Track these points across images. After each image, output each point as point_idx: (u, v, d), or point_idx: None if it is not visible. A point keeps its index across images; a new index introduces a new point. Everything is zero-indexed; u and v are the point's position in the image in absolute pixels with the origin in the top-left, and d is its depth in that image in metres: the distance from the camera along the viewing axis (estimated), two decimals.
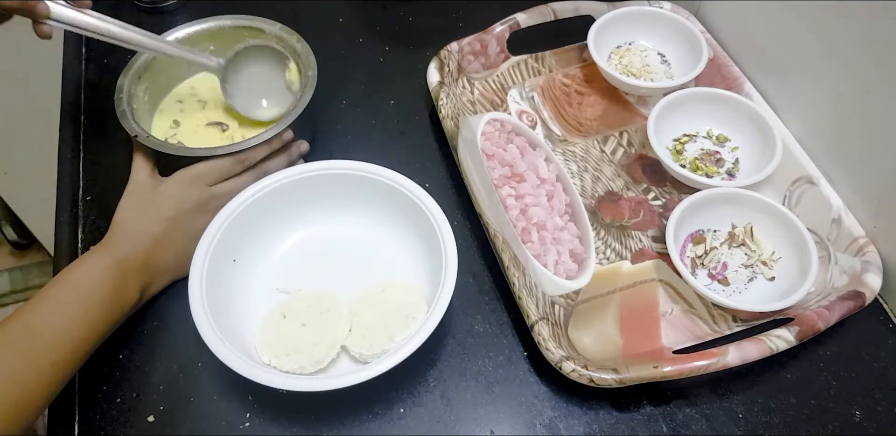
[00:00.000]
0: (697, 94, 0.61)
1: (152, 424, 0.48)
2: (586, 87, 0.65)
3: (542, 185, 0.57)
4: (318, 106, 0.63)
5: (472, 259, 0.56)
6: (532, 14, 0.65)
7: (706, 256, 0.54)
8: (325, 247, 0.55)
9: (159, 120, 0.61)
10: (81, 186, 0.60)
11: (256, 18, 0.60)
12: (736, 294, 0.53)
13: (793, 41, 0.57)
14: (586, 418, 0.48)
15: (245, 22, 0.60)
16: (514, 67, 0.66)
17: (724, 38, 0.65)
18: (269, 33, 0.60)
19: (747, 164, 0.59)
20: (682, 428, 0.48)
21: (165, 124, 0.60)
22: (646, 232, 0.57)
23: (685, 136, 0.61)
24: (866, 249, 0.52)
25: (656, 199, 0.58)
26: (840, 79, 0.54)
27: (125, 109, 0.55)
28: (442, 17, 0.72)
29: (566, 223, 0.56)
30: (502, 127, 0.60)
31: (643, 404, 0.49)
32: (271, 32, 0.60)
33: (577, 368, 0.45)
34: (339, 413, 0.48)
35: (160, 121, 0.61)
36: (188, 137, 0.59)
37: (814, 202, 0.55)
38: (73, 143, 0.62)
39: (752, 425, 0.48)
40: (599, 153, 0.61)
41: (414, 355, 0.44)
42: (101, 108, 0.64)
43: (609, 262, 0.55)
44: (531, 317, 0.48)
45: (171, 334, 0.51)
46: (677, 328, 0.51)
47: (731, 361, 0.46)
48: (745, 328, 0.51)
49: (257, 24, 0.60)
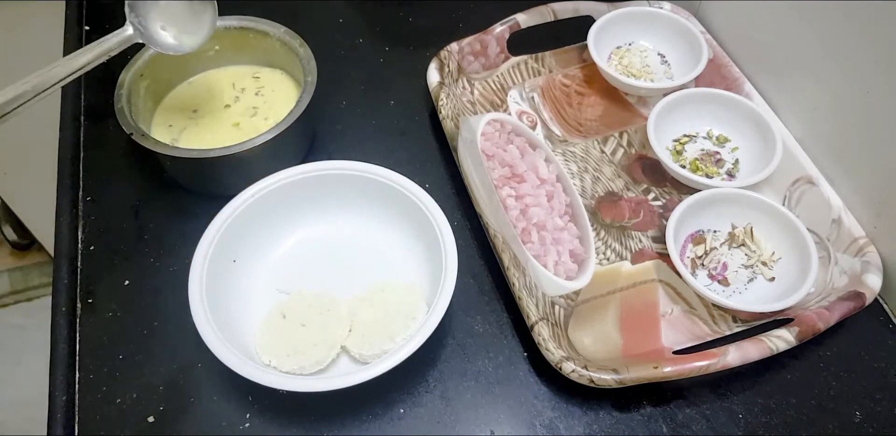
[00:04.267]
0: (697, 94, 0.61)
1: (152, 424, 0.47)
2: (586, 87, 0.65)
3: (542, 185, 0.57)
4: (318, 106, 0.63)
5: (472, 259, 0.56)
6: (532, 14, 0.65)
7: (706, 257, 0.54)
8: (324, 247, 0.55)
9: (160, 118, 0.60)
10: (81, 186, 0.60)
11: (262, 21, 0.60)
12: (736, 295, 0.53)
13: (793, 41, 0.57)
14: (586, 418, 0.48)
15: (250, 24, 0.60)
16: (514, 68, 0.66)
17: (724, 38, 0.65)
18: (273, 36, 0.60)
19: (747, 164, 0.59)
20: (682, 428, 0.48)
21: (166, 123, 0.60)
22: (646, 232, 0.57)
23: (685, 136, 0.61)
24: (866, 250, 0.52)
25: (656, 199, 0.58)
26: (840, 79, 0.54)
27: (123, 106, 0.54)
28: (442, 17, 0.72)
29: (566, 224, 0.56)
30: (502, 127, 0.60)
31: (643, 404, 0.49)
32: (275, 35, 0.60)
33: (577, 368, 0.45)
34: (339, 414, 0.48)
35: (161, 119, 0.60)
36: (191, 136, 0.59)
37: (814, 202, 0.55)
38: (73, 143, 0.62)
39: (752, 425, 0.48)
40: (599, 154, 0.61)
41: (414, 356, 0.44)
42: (102, 108, 0.64)
43: (609, 262, 0.55)
44: (531, 317, 0.48)
45: (170, 335, 0.51)
46: (677, 329, 0.51)
47: (731, 361, 0.46)
48: (745, 329, 0.51)
49: (262, 26, 0.60)
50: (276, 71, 0.63)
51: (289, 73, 0.63)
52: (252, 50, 0.62)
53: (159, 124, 0.60)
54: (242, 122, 0.60)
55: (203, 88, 0.62)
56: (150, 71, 0.58)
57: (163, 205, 0.58)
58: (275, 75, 0.63)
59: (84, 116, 0.65)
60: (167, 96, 0.62)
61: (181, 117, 0.60)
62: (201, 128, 0.60)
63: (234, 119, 0.60)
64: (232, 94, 0.62)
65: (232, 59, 0.63)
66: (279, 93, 0.62)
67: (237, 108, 0.61)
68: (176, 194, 0.59)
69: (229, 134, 0.59)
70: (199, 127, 0.60)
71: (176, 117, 0.60)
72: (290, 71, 0.62)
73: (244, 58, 0.63)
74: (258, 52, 0.62)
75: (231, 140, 0.54)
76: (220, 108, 0.61)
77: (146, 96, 0.59)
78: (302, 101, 0.55)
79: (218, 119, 0.60)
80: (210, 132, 0.59)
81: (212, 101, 0.62)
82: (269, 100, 0.61)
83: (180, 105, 0.61)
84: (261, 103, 0.61)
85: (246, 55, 0.63)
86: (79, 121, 0.64)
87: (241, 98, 0.62)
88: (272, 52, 0.61)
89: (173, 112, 0.61)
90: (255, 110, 0.61)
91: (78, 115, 0.65)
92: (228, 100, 0.61)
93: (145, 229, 0.57)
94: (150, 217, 0.58)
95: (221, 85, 0.62)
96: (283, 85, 0.62)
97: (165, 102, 0.61)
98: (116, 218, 0.58)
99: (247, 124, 0.60)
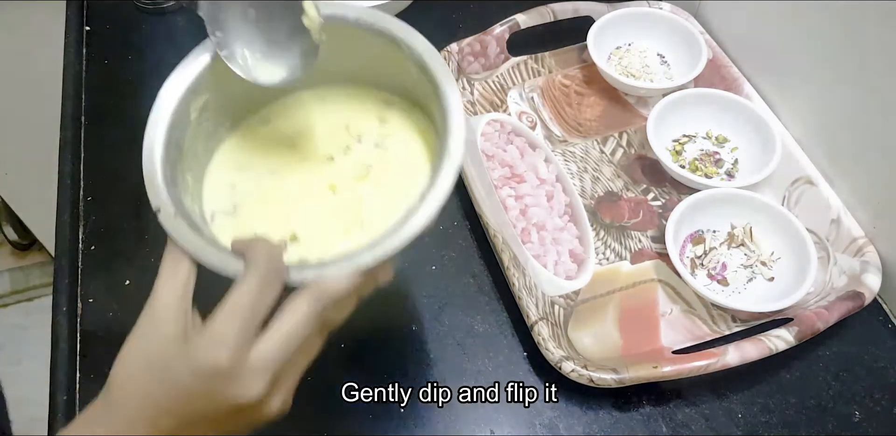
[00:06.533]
0: (697, 94, 0.61)
1: None
2: (586, 87, 0.65)
3: (542, 185, 0.57)
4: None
5: (472, 259, 0.56)
6: (532, 15, 0.65)
7: (705, 257, 0.54)
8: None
9: (219, 171, 0.39)
10: (82, 186, 0.60)
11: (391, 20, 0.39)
12: (735, 294, 0.53)
13: (792, 42, 0.57)
14: (586, 418, 0.48)
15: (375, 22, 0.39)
16: (513, 68, 0.66)
17: (723, 39, 0.65)
18: (410, 52, 0.38)
19: (746, 164, 0.59)
20: (681, 428, 0.48)
21: (227, 181, 0.39)
22: (645, 232, 0.57)
23: (684, 136, 0.61)
24: (865, 250, 0.52)
25: (656, 199, 0.59)
26: (840, 80, 0.54)
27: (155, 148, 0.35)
28: (442, 18, 0.72)
29: (566, 224, 0.56)
30: (502, 128, 0.61)
31: (643, 404, 0.49)
32: (414, 52, 0.38)
33: (576, 368, 0.45)
34: (339, 413, 0.48)
35: (220, 173, 0.39)
36: (259, 207, 0.38)
37: (813, 203, 0.55)
38: (73, 143, 0.62)
39: (751, 425, 0.48)
40: (599, 154, 0.61)
41: (413, 352, 0.43)
42: (102, 108, 0.64)
43: (608, 262, 0.55)
44: (531, 317, 0.48)
45: None
46: (677, 328, 0.51)
47: (730, 361, 0.46)
48: (745, 328, 0.51)
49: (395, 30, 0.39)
50: (404, 110, 0.42)
51: (418, 114, 0.41)
52: (371, 66, 0.40)
53: (216, 183, 0.39)
54: (342, 185, 0.39)
55: (296, 124, 0.42)
56: (213, 87, 0.38)
57: None
58: (403, 118, 0.41)
59: (84, 116, 0.65)
60: (235, 132, 0.41)
61: (251, 170, 0.40)
62: (278, 190, 0.39)
63: (332, 179, 0.39)
64: (343, 141, 0.41)
65: (335, 76, 0.41)
66: (404, 148, 0.40)
67: (343, 162, 0.40)
68: None
69: (319, 203, 0.39)
70: (275, 187, 0.39)
71: (243, 170, 0.40)
72: (421, 111, 0.41)
73: (357, 75, 0.41)
74: (379, 71, 0.40)
75: (322, 213, 0.37)
76: (317, 158, 0.40)
77: (199, 131, 0.38)
78: (427, 206, 0.33)
79: (308, 175, 0.40)
80: (291, 201, 0.39)
81: (307, 148, 0.41)
82: (390, 157, 0.40)
83: (253, 148, 0.41)
84: (377, 160, 0.40)
85: (361, 72, 0.41)
86: (79, 121, 0.64)
87: (352, 149, 0.40)
88: (400, 76, 0.39)
89: (241, 160, 0.40)
90: (368, 170, 0.40)
91: (78, 115, 0.65)
92: (336, 149, 0.40)
93: (146, 229, 0.57)
94: (151, 218, 0.57)
95: (330, 123, 0.41)
96: (410, 136, 0.41)
97: (230, 143, 0.41)
98: (117, 218, 0.58)
99: (347, 191, 0.39)
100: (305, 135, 0.41)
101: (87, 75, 0.68)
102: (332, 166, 0.40)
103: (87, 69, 0.68)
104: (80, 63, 0.69)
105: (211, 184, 0.39)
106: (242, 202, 0.39)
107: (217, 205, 0.38)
